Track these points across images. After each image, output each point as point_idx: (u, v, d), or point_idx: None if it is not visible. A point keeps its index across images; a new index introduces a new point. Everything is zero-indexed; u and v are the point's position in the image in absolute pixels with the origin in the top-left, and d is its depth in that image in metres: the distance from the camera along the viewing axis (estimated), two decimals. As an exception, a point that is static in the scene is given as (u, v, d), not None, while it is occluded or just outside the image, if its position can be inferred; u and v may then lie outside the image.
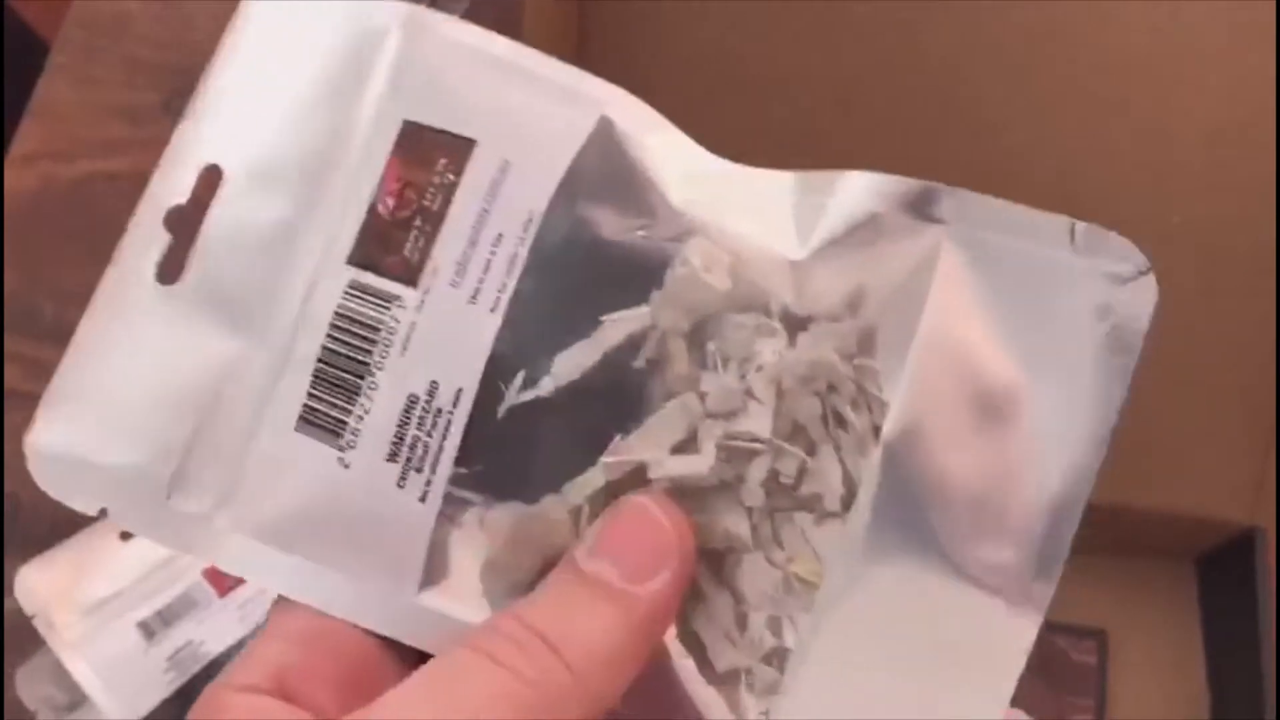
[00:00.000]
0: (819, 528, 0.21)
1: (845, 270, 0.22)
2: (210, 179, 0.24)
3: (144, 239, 0.24)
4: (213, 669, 0.46)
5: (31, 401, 0.23)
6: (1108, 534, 0.51)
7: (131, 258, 0.24)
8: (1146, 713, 0.52)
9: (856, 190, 0.22)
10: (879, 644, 0.21)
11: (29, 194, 0.60)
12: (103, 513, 0.23)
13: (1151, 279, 0.21)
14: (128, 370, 0.23)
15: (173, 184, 0.24)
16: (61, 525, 0.47)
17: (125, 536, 0.46)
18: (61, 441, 0.23)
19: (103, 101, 0.61)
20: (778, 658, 0.21)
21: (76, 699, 0.46)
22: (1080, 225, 0.21)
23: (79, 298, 0.23)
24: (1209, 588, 0.53)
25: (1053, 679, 0.52)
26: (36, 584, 0.45)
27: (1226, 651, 0.51)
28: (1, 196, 0.60)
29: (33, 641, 0.46)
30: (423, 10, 0.24)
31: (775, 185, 0.23)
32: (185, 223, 0.24)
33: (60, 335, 0.23)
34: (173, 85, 0.58)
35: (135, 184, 0.24)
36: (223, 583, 0.47)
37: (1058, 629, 0.53)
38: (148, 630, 0.46)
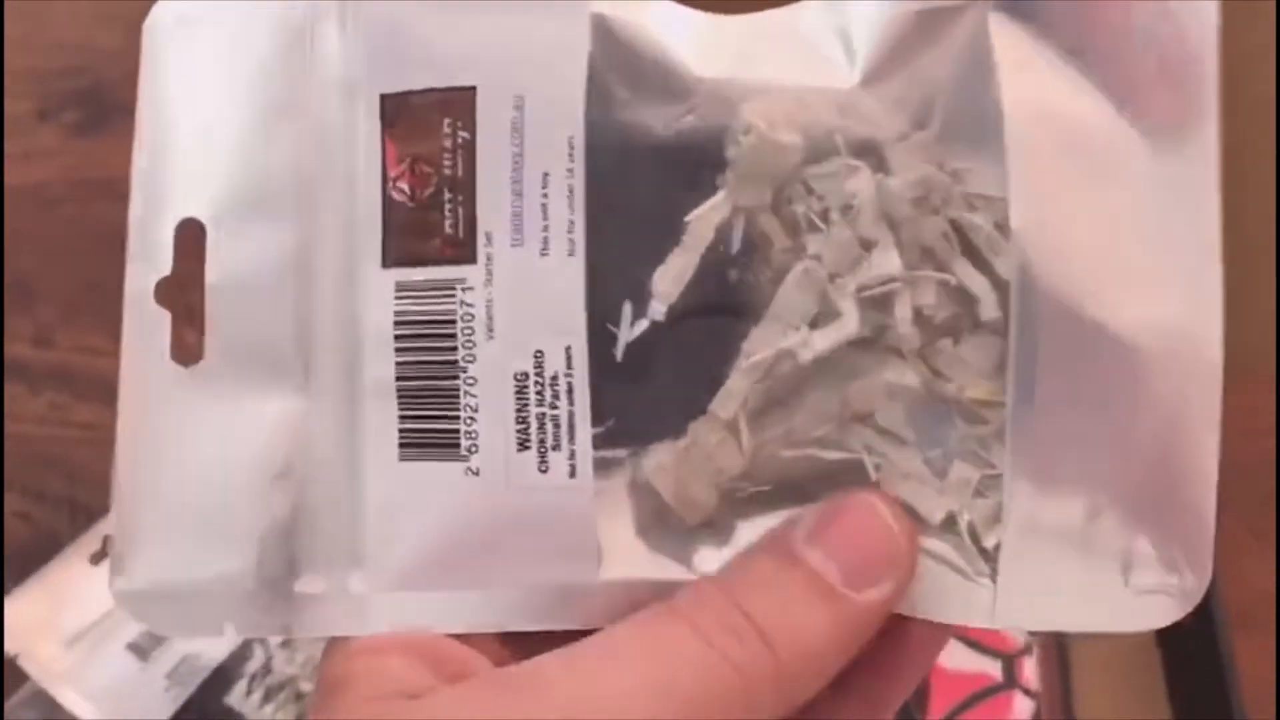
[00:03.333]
0: (975, 343, 0.20)
1: (900, 79, 0.21)
2: (187, 236, 0.21)
3: (144, 326, 0.21)
4: (217, 678, 0.43)
5: None
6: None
7: (140, 351, 0.21)
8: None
9: None
10: (1077, 423, 0.20)
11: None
12: (228, 631, 0.20)
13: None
14: (189, 473, 0.21)
15: (150, 255, 0.21)
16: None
17: (96, 559, 0.43)
18: (152, 576, 0.20)
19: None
20: (988, 487, 0.20)
21: (76, 733, 0.44)
22: (1123, -52, 0.20)
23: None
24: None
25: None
26: (13, 621, 0.43)
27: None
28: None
29: (16, 681, 0.44)
30: None
31: (792, 20, 0.21)
32: (180, 292, 0.21)
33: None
34: (43, 91, 0.51)
35: (20, 199, 0.21)
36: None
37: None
38: (140, 651, 0.43)
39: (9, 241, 0.46)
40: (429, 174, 0.20)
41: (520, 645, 0.20)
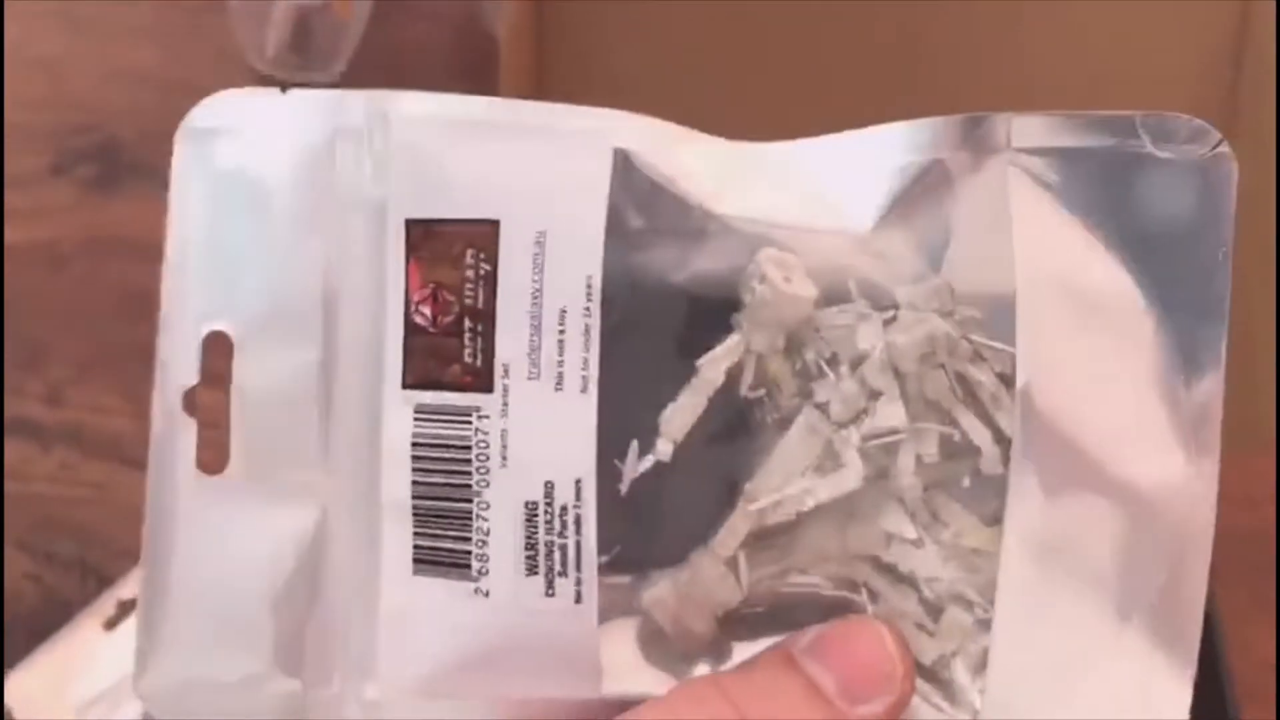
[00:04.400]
0: (974, 491, 0.21)
1: (916, 226, 0.21)
2: (215, 345, 0.22)
3: (170, 433, 0.21)
4: (231, 748, 0.43)
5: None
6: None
7: (167, 457, 0.21)
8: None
9: (903, 142, 0.21)
10: (1067, 579, 0.21)
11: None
12: None
13: (1227, 149, 0.20)
14: (212, 578, 0.21)
15: (179, 364, 0.22)
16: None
17: (110, 626, 0.43)
18: (174, 675, 0.21)
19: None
20: (979, 632, 0.21)
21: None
22: (1141, 115, 0.20)
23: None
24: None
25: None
26: (25, 688, 0.42)
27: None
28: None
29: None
30: (382, 96, 0.21)
31: (814, 157, 0.22)
32: (207, 402, 0.22)
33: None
34: (57, 147, 0.50)
35: (30, 254, 0.22)
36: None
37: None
38: None
39: (21, 299, 0.45)
40: (451, 302, 0.21)
41: None
